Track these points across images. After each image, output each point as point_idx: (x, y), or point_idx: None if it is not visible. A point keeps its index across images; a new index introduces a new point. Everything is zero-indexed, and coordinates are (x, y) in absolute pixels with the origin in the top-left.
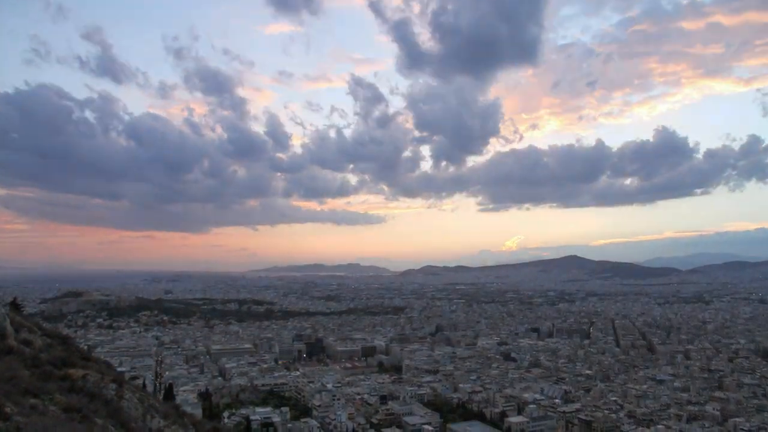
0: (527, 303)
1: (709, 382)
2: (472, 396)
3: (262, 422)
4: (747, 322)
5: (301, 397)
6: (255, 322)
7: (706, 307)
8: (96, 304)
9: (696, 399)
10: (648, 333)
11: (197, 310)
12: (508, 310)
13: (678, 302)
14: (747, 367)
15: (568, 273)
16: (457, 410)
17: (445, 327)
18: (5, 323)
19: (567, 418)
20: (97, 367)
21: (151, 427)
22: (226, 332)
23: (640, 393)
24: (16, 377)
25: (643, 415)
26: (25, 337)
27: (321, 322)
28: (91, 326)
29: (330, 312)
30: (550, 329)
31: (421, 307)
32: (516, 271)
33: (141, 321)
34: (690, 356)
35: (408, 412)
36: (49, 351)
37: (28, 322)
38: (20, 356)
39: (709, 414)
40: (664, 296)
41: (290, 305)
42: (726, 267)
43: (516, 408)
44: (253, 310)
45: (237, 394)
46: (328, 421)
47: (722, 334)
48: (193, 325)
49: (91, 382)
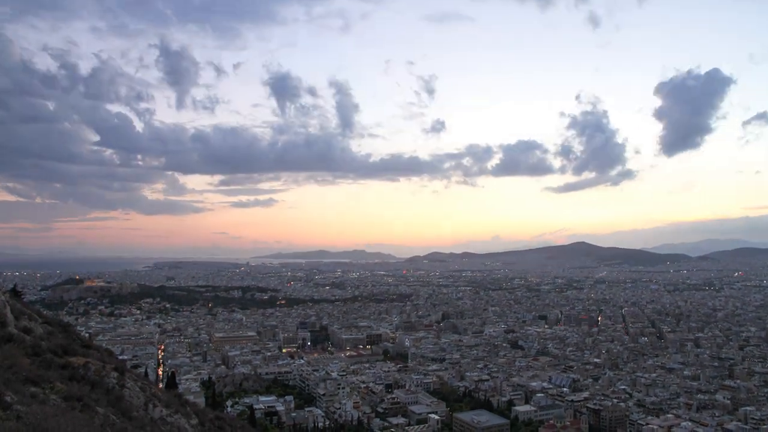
0: (535, 290)
1: (719, 370)
2: (479, 384)
3: (265, 411)
4: (758, 309)
5: (305, 385)
6: (259, 309)
7: (717, 294)
8: (97, 292)
9: (706, 387)
10: (657, 321)
11: (200, 298)
12: (516, 297)
13: (688, 289)
14: (758, 355)
15: (576, 260)
16: (463, 399)
17: (452, 314)
18: (5, 310)
19: (575, 407)
20: (98, 356)
21: (153, 416)
22: (230, 320)
23: (649, 381)
24: (17, 365)
25: (653, 404)
26: (25, 325)
27: (326, 309)
28: (93, 314)
29: (335, 299)
30: (558, 317)
31: (427, 294)
32: (523, 257)
33: (143, 308)
34: (700, 344)
35: (414, 401)
36: (50, 339)
37: (28, 309)
38: (20, 344)
39: (720, 403)
40: (674, 283)
41: (294, 292)
42: (736, 253)
43: (523, 397)
44: (256, 297)
45: (240, 383)
46: (333, 409)
47: (733, 321)
48: (196, 312)
49: (93, 371)
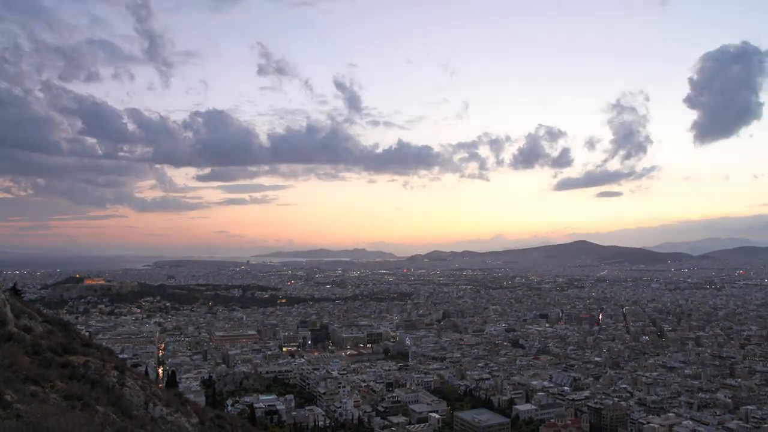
0: (536, 289)
1: (720, 369)
2: (480, 383)
3: (266, 410)
4: (759, 308)
5: (305, 384)
6: (259, 308)
7: (718, 293)
8: (97, 290)
9: (707, 386)
10: (658, 319)
11: (200, 296)
12: (516, 296)
13: (689, 288)
14: (759, 353)
15: (577, 258)
16: (464, 398)
17: (453, 313)
18: (5, 309)
19: (576, 406)
20: (98, 354)
21: (154, 414)
22: (230, 318)
23: (650, 380)
24: (17, 364)
25: (654, 402)
26: (25, 324)
27: (326, 308)
28: (93, 312)
29: (335, 298)
30: (559, 315)
31: (428, 293)
32: (524, 256)
33: (143, 307)
34: (701, 343)
35: (414, 400)
36: (50, 337)
37: (28, 308)
38: (21, 343)
39: (721, 401)
40: (675, 282)
41: (295, 291)
42: (737, 252)
43: (524, 395)
44: (257, 296)
45: (241, 382)
46: (334, 408)
47: (734, 320)
48: (196, 311)
49: (93, 369)
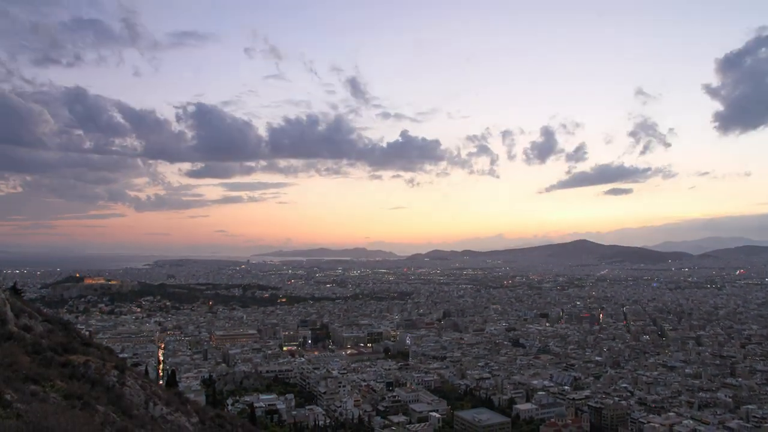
0: (536, 288)
1: (721, 368)
2: (480, 383)
3: (266, 409)
4: (760, 307)
5: (306, 383)
6: (259, 307)
7: (718, 292)
8: (98, 289)
9: (708, 386)
10: (659, 319)
11: (201, 296)
12: (517, 295)
13: (689, 287)
14: (759, 353)
15: (578, 258)
16: (464, 397)
17: (453, 312)
18: (5, 308)
19: (576, 405)
20: (98, 354)
21: (154, 414)
22: (230, 318)
23: (651, 380)
24: (17, 363)
25: (654, 402)
26: (25, 323)
27: (326, 307)
28: (93, 312)
29: (336, 297)
30: (560, 315)
31: (428, 292)
32: (525, 255)
33: (143, 306)
34: (702, 342)
35: (415, 399)
36: (50, 337)
37: (28, 307)
38: (21, 342)
39: (721, 401)
40: (675, 281)
41: (295, 290)
42: (738, 251)
43: (525, 395)
44: (257, 295)
45: (241, 381)
46: (334, 408)
47: (734, 319)
48: (197, 310)
49: (93, 369)
